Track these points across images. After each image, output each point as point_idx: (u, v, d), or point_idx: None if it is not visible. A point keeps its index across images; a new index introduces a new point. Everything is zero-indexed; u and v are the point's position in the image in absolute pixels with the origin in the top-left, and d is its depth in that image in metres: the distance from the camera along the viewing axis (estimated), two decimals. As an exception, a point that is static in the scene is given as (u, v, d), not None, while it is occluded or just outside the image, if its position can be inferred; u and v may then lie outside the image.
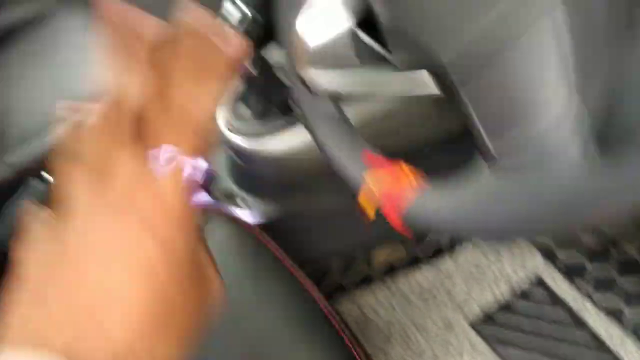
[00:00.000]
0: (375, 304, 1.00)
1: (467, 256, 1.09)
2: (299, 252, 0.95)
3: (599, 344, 0.94)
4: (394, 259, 1.03)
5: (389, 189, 0.38)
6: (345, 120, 0.45)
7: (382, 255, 1.02)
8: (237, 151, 0.86)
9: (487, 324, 0.98)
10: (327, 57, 0.45)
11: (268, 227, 0.86)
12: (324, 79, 0.45)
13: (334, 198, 0.91)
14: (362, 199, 0.39)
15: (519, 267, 1.06)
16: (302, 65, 0.45)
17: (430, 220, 0.36)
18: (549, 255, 1.08)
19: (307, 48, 0.44)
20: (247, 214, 0.86)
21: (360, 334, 0.96)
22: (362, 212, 0.39)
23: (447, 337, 0.96)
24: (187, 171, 0.88)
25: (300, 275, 0.66)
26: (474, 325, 0.98)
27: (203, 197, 0.95)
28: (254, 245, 0.67)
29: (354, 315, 0.98)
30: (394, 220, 0.37)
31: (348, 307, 0.99)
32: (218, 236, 0.67)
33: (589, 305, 0.99)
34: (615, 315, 0.97)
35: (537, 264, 1.06)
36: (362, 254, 1.00)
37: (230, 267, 0.64)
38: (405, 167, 0.38)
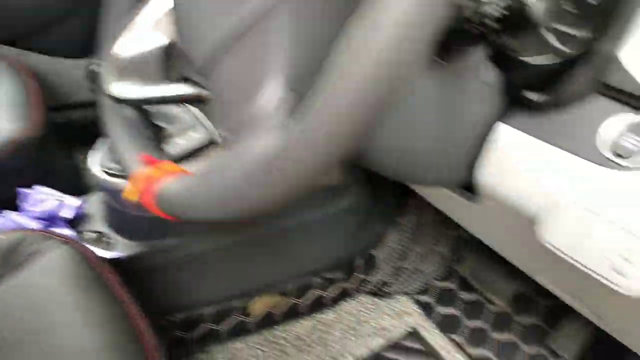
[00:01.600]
0: (248, 353, 0.98)
1: (349, 309, 1.10)
2: (171, 297, 0.94)
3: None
4: (273, 309, 1.03)
5: (149, 177, 0.40)
6: (140, 126, 0.48)
7: (259, 305, 1.01)
8: (110, 191, 0.87)
9: (358, 375, 0.97)
10: (135, 70, 0.49)
11: (131, 267, 0.86)
12: (129, 89, 0.49)
13: (206, 242, 0.92)
14: (129, 189, 0.41)
15: (397, 321, 1.08)
16: (113, 75, 0.49)
17: (173, 203, 0.38)
18: (427, 310, 1.10)
19: (118, 59, 0.49)
20: (104, 252, 0.85)
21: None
22: (127, 200, 0.41)
23: (316, 387, 0.94)
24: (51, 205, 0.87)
25: (136, 314, 0.66)
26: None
27: (68, 231, 0.93)
28: (91, 276, 0.67)
29: (224, 366, 0.95)
30: (149, 204, 0.39)
31: (219, 355, 0.97)
32: (53, 256, 0.67)
33: (461, 357, 1.00)
34: (486, 368, 0.99)
35: (415, 319, 1.08)
36: (238, 303, 0.99)
37: (57, 290, 0.63)
38: (170, 164, 0.41)
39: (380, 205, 1.18)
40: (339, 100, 0.26)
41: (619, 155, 0.41)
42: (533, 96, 0.45)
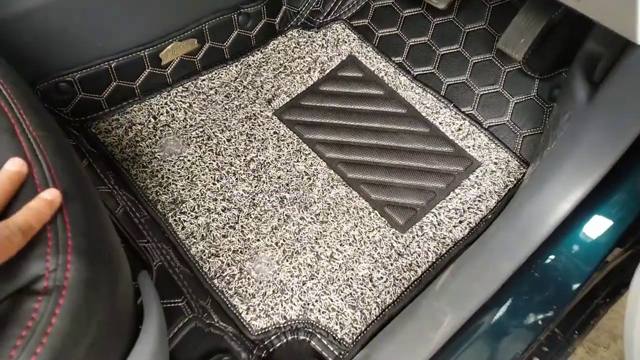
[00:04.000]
0: (171, 107, 0.88)
1: (279, 46, 0.98)
2: (57, 55, 0.79)
3: (413, 113, 0.89)
4: (187, 55, 0.90)
5: None
6: None
7: (172, 52, 0.87)
8: None
9: (294, 109, 0.90)
10: None
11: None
12: None
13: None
14: None
15: (333, 51, 0.97)
16: None
17: None
18: (366, 36, 0.99)
19: None
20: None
21: (154, 143, 0.85)
22: None
23: (250, 130, 0.87)
24: None
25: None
26: (278, 114, 0.89)
27: None
28: None
29: (146, 124, 0.85)
30: None
31: (139, 114, 0.86)
32: None
33: (404, 79, 0.93)
34: (430, 86, 0.92)
35: (352, 46, 0.97)
36: (147, 52, 0.85)
37: None
38: None
39: None
40: None
41: None
42: None
